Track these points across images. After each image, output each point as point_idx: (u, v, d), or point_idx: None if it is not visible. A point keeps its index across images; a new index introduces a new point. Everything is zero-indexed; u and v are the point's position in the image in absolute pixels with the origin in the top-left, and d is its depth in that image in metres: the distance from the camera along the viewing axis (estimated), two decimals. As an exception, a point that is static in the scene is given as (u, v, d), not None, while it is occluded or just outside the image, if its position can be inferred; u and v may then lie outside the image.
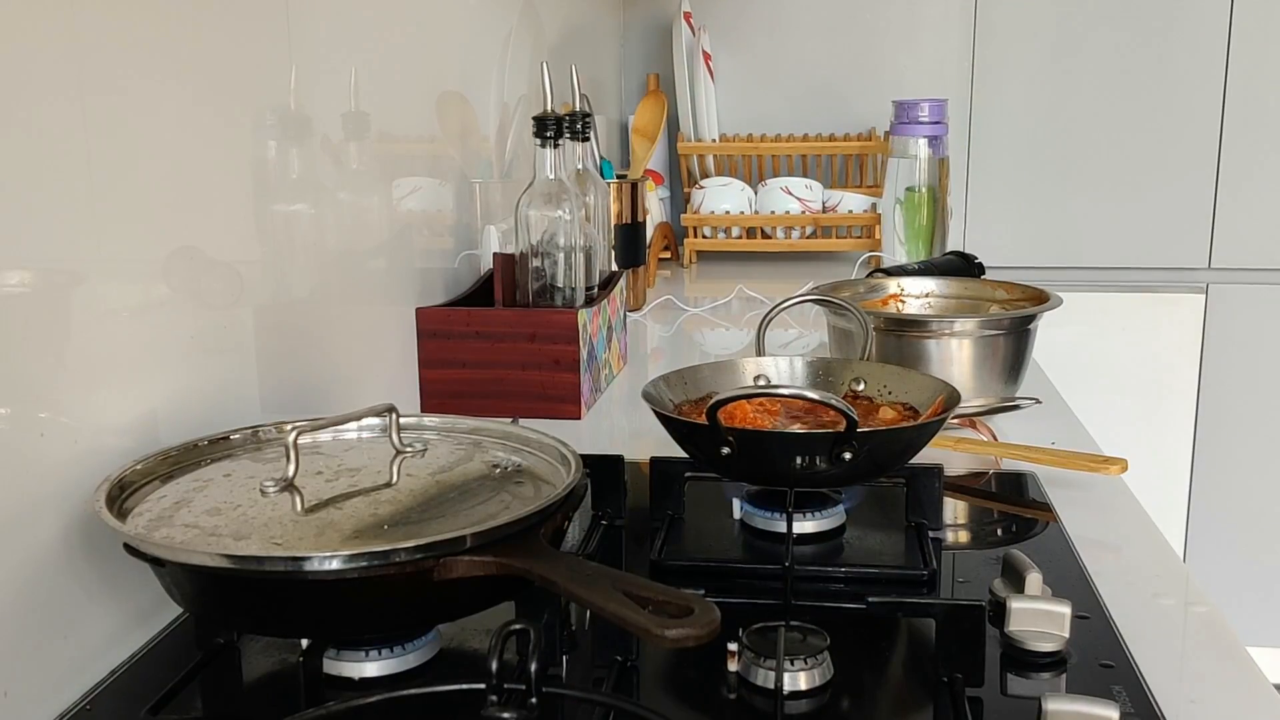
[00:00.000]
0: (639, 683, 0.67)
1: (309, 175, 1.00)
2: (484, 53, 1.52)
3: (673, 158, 2.45)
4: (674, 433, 0.87)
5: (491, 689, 0.52)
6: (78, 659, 0.69)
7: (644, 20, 2.55)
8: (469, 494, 0.71)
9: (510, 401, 1.21)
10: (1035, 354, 1.25)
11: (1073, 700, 0.60)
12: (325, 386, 1.03)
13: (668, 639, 0.52)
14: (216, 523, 0.65)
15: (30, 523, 0.65)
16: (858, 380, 0.98)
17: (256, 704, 0.67)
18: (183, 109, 0.80)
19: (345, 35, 1.08)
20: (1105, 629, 0.73)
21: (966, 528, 0.95)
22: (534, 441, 0.80)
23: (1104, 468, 0.99)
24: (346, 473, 0.74)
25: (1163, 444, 2.41)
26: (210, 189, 0.84)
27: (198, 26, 0.82)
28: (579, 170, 1.37)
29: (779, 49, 2.49)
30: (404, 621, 0.67)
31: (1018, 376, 1.21)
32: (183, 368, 0.80)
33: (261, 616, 0.64)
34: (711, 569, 0.84)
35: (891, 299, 1.35)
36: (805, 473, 0.80)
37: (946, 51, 2.41)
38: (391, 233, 1.19)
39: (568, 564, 0.60)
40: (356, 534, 0.64)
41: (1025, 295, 1.28)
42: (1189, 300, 2.37)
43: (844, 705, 0.65)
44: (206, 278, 0.84)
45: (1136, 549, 0.90)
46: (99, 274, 0.71)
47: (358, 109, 1.09)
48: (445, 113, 1.37)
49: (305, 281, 0.99)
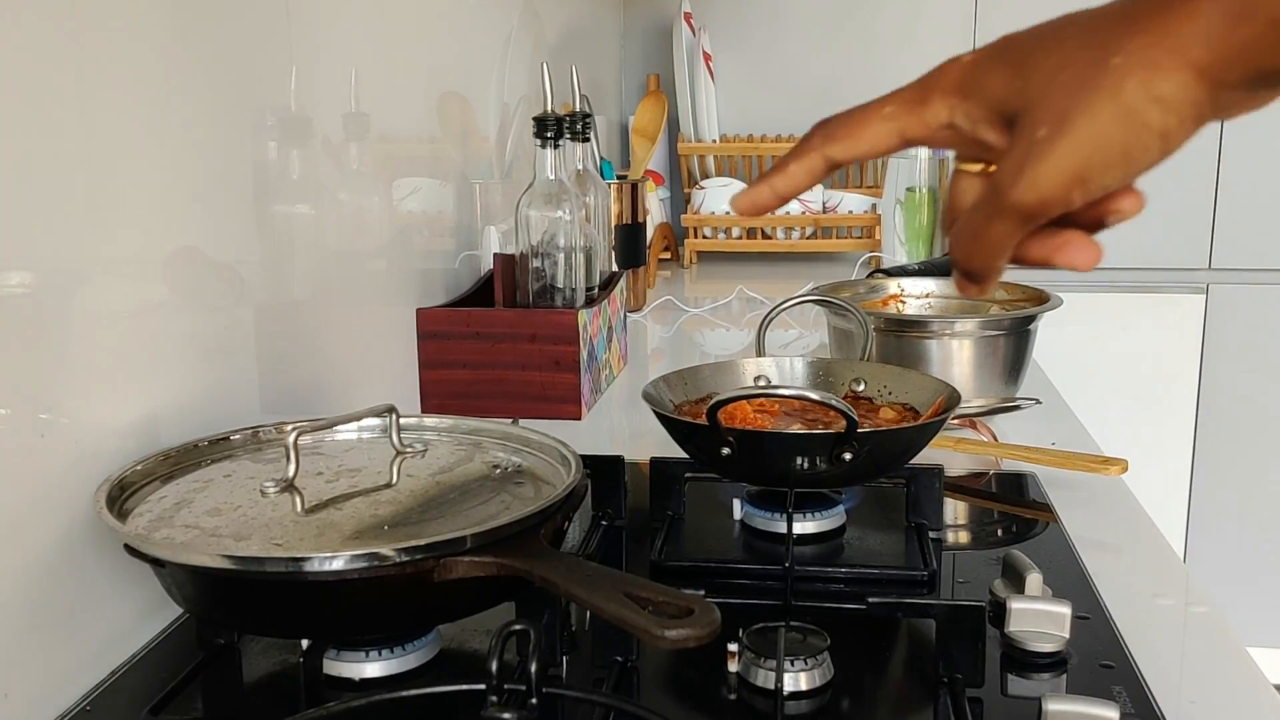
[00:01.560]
0: (639, 683, 0.67)
1: (309, 176, 1.00)
2: (484, 53, 1.52)
3: (673, 158, 2.45)
4: (674, 433, 0.87)
5: (492, 689, 0.52)
6: (78, 659, 0.69)
7: (644, 21, 2.55)
8: (469, 494, 0.71)
9: (510, 402, 1.21)
10: (1035, 354, 1.25)
11: (1073, 701, 0.60)
12: (325, 387, 1.03)
13: (668, 639, 0.52)
14: (217, 523, 0.65)
15: (31, 523, 0.65)
16: (858, 381, 0.99)
17: (257, 704, 0.67)
18: (183, 109, 0.80)
19: (345, 35, 1.08)
20: (1105, 629, 0.73)
21: (967, 528, 0.96)
22: (534, 442, 0.80)
23: (1104, 468, 0.99)
24: (347, 473, 0.74)
25: (1163, 444, 2.41)
26: (211, 189, 0.84)
27: (198, 27, 0.82)
28: (579, 171, 1.38)
29: (779, 49, 2.49)
30: (404, 622, 0.67)
31: (1018, 377, 1.21)
32: (183, 368, 0.80)
33: (262, 617, 0.65)
34: (711, 569, 0.84)
35: (892, 299, 1.35)
36: (805, 473, 0.80)
37: (946, 51, 2.40)
38: (392, 233, 1.19)
39: (568, 564, 0.60)
40: (357, 535, 0.64)
41: (1025, 295, 1.28)
42: (1189, 300, 2.37)
43: (844, 706, 0.65)
44: (207, 278, 0.84)
45: (1136, 549, 0.90)
46: (99, 274, 0.71)
47: (358, 109, 1.10)
48: (445, 113, 1.37)
49: (306, 282, 0.99)
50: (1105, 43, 0.38)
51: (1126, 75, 0.37)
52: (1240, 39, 0.36)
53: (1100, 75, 0.38)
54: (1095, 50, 0.38)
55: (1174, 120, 0.38)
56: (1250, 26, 0.36)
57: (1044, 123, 0.39)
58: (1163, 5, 0.38)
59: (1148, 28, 0.37)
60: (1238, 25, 0.36)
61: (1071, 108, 0.38)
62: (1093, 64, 0.38)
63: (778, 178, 0.49)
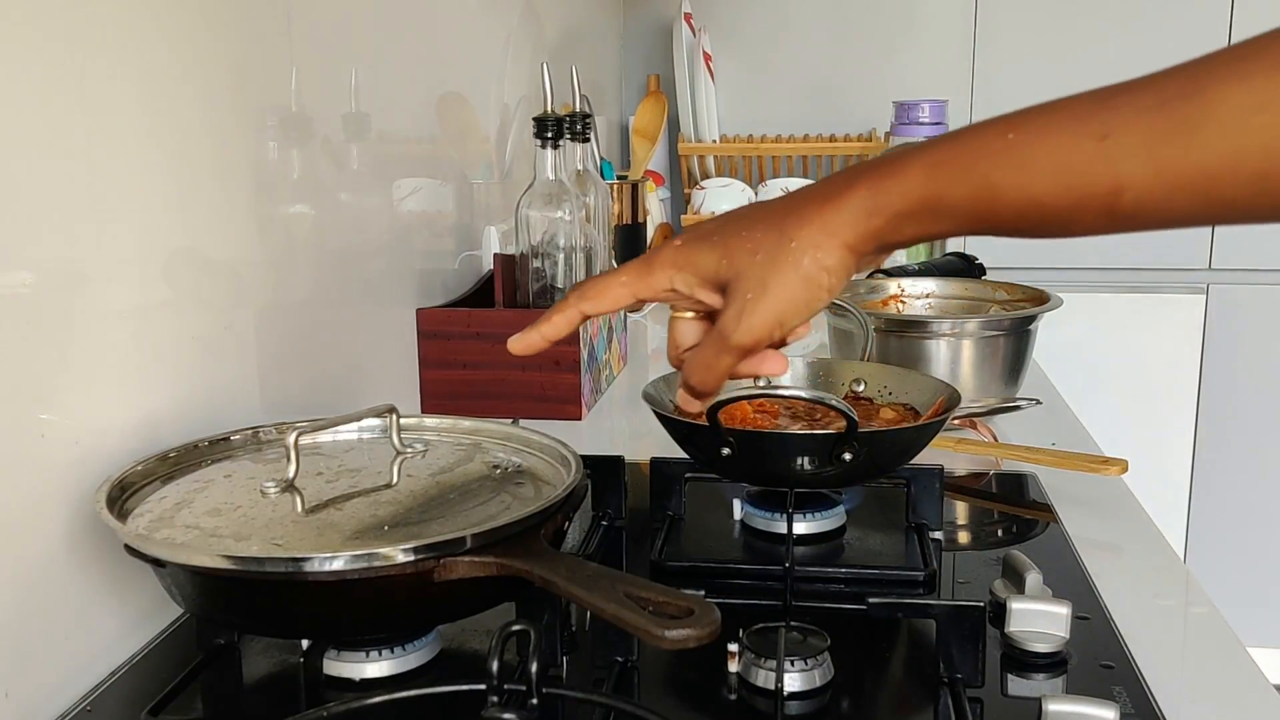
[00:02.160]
0: (639, 683, 0.67)
1: (309, 176, 1.00)
2: (484, 54, 1.52)
3: (673, 159, 2.45)
4: (674, 433, 0.87)
5: (492, 690, 0.52)
6: (78, 659, 0.69)
7: (644, 21, 2.55)
8: (469, 495, 0.71)
9: (510, 402, 1.21)
10: (1035, 354, 1.25)
11: (1073, 701, 0.60)
12: (325, 387, 1.03)
13: (668, 640, 0.52)
14: (217, 523, 0.65)
15: (31, 523, 0.65)
16: (858, 381, 0.99)
17: (257, 705, 0.67)
18: (183, 109, 0.80)
19: (345, 36, 1.08)
20: (1105, 629, 0.73)
21: (967, 528, 0.96)
22: (534, 442, 0.80)
23: (1104, 468, 0.99)
24: (347, 473, 0.74)
25: (1163, 444, 2.41)
26: (211, 190, 0.84)
27: (198, 27, 0.82)
28: (579, 171, 1.37)
29: (779, 50, 2.49)
30: (404, 622, 0.67)
31: (1018, 377, 1.21)
32: (183, 368, 0.80)
33: (262, 617, 0.64)
34: (712, 570, 0.84)
35: (892, 300, 1.35)
36: (805, 473, 0.80)
37: (946, 52, 2.41)
38: (392, 233, 1.19)
39: (568, 565, 0.60)
40: (357, 535, 0.64)
41: (1025, 296, 1.28)
42: (1189, 301, 2.36)
43: (844, 706, 0.65)
44: (207, 278, 0.84)
45: (1136, 549, 0.90)
46: (100, 275, 0.71)
47: (358, 110, 1.10)
48: (445, 114, 1.37)
49: (306, 282, 0.99)
50: (784, 230, 0.55)
51: (802, 254, 0.54)
52: (873, 226, 0.53)
53: (785, 254, 0.55)
54: (779, 235, 0.55)
55: (835, 280, 0.55)
56: (878, 218, 0.53)
57: (750, 289, 0.55)
58: (819, 202, 0.54)
59: (812, 220, 0.54)
60: (870, 217, 0.53)
61: (768, 277, 0.55)
62: (778, 246, 0.55)
63: (545, 326, 0.62)
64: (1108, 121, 0.46)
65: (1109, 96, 0.47)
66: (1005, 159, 0.49)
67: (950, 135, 0.51)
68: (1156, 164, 0.45)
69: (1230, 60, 0.46)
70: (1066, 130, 0.47)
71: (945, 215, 0.51)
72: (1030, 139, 0.48)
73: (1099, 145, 0.46)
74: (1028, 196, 0.48)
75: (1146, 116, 0.45)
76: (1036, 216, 0.49)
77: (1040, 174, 0.48)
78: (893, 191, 0.51)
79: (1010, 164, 0.48)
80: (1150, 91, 0.46)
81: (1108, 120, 0.46)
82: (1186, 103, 0.45)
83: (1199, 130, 0.44)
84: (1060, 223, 0.49)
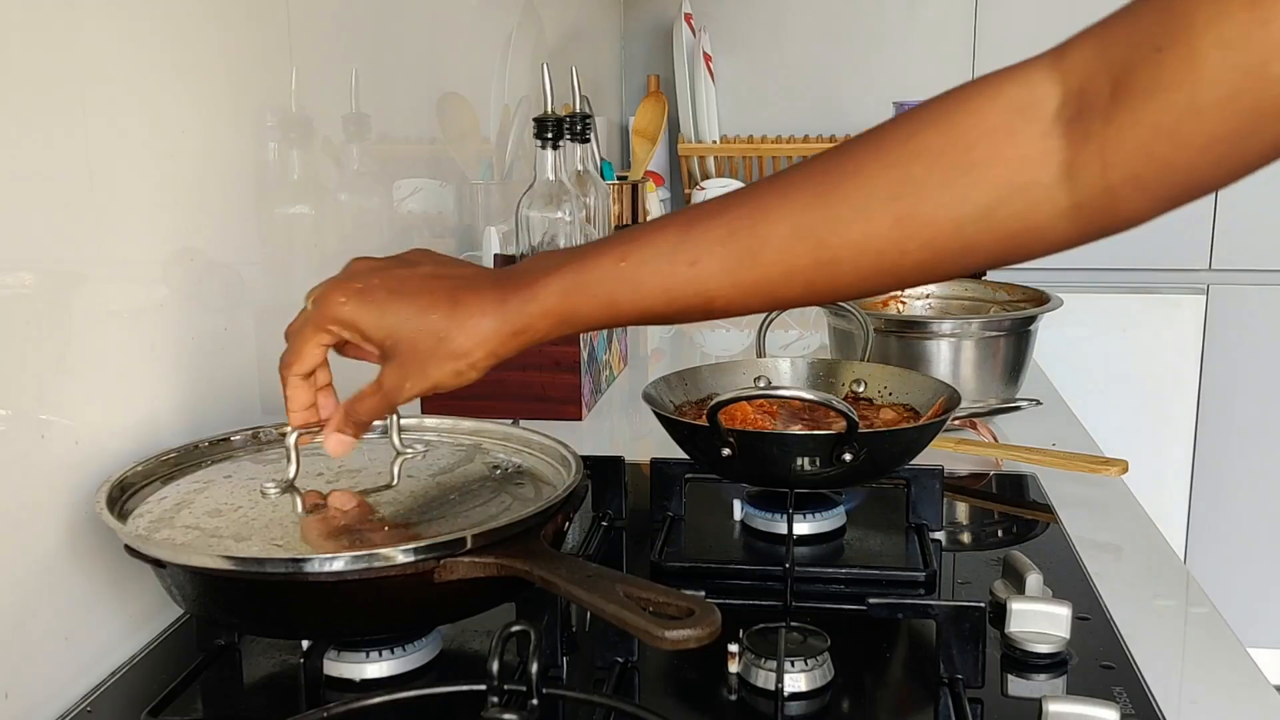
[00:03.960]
0: (639, 684, 0.67)
1: (310, 176, 1.00)
2: (484, 54, 1.52)
3: (673, 159, 2.45)
4: (675, 434, 0.87)
5: (492, 690, 0.52)
6: (79, 660, 0.69)
7: (644, 22, 2.55)
8: (470, 495, 0.71)
9: (511, 403, 1.21)
10: (1036, 355, 1.25)
11: (1073, 701, 0.60)
12: (326, 388, 1.02)
13: (668, 640, 0.52)
14: (217, 524, 0.65)
15: (31, 524, 0.65)
16: (858, 381, 0.99)
17: (257, 705, 0.67)
18: (184, 110, 0.80)
19: (345, 36, 1.08)
20: (1105, 630, 0.73)
21: (967, 529, 0.96)
22: (534, 443, 0.80)
23: (1104, 469, 0.99)
24: (347, 474, 0.74)
25: (1163, 444, 2.41)
26: (211, 190, 0.84)
27: (198, 27, 0.82)
28: (579, 172, 1.37)
29: (780, 51, 2.49)
30: (405, 623, 0.67)
31: (1018, 377, 1.21)
32: (184, 369, 0.80)
33: (262, 618, 0.64)
34: (712, 570, 0.84)
35: (892, 300, 1.35)
36: (806, 474, 0.80)
37: (946, 53, 2.41)
38: (392, 234, 1.19)
39: (568, 565, 0.60)
40: (357, 535, 0.64)
41: (1026, 296, 1.28)
42: (1190, 301, 2.36)
43: (844, 706, 0.65)
44: (207, 279, 0.84)
45: (1136, 550, 0.90)
46: (100, 275, 0.71)
47: (358, 110, 1.10)
48: (446, 114, 1.37)
49: (306, 283, 0.99)
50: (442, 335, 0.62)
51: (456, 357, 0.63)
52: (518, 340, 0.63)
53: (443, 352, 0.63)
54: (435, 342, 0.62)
55: (481, 370, 0.64)
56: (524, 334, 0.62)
57: (412, 373, 0.63)
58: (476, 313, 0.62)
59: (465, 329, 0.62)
60: (516, 335, 0.62)
61: (427, 366, 0.63)
62: (435, 349, 0.62)
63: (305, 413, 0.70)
64: (693, 251, 0.58)
65: (689, 226, 0.59)
66: (621, 283, 0.59)
67: (578, 259, 0.61)
68: (733, 280, 0.58)
69: (780, 189, 0.57)
70: (665, 259, 0.58)
71: (579, 324, 0.62)
72: (637, 266, 0.59)
73: (690, 270, 0.58)
74: (642, 308, 0.60)
75: (720, 249, 0.57)
76: (651, 318, 0.61)
77: (649, 293, 0.59)
78: (534, 314, 0.61)
79: (625, 287, 0.59)
80: (722, 224, 0.58)
81: (693, 250, 0.58)
82: (749, 235, 0.57)
83: (759, 257, 0.57)
84: (670, 321, 0.61)
